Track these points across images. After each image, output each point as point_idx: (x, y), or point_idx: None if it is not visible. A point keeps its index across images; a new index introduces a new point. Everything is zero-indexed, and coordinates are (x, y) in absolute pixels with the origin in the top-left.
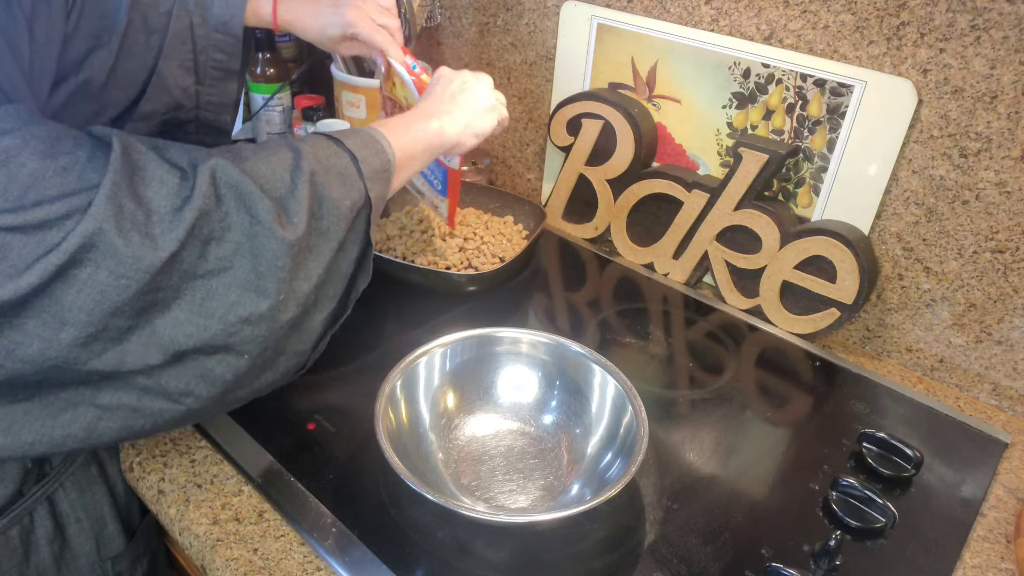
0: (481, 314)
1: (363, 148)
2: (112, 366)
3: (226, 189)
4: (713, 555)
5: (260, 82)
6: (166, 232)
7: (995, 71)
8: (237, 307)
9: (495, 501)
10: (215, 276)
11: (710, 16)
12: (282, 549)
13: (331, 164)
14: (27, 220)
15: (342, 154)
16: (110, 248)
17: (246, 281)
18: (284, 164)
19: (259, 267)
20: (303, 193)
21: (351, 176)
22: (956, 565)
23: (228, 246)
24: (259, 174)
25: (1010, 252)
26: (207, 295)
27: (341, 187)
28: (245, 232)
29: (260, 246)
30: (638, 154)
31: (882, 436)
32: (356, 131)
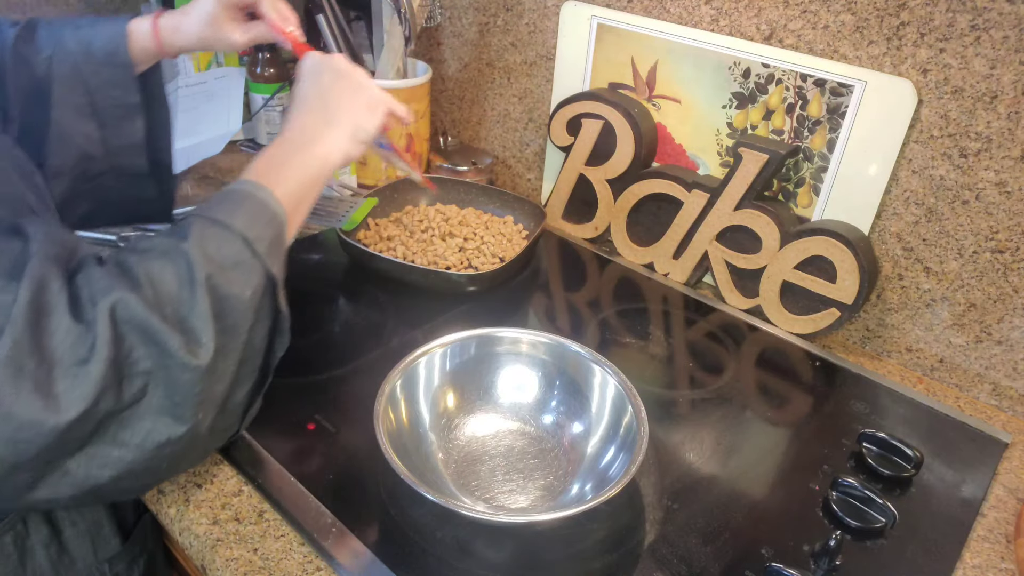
0: (481, 314)
1: (253, 224)
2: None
3: (128, 328)
4: (713, 555)
5: (260, 82)
6: (70, 390)
7: (995, 71)
8: (153, 434)
9: (495, 501)
10: (128, 409)
11: (710, 16)
12: (282, 549)
13: (224, 257)
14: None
15: (233, 240)
16: (5, 415)
17: (160, 408)
18: (178, 277)
19: (174, 396)
20: (203, 306)
21: (247, 262)
22: (956, 565)
23: (139, 380)
24: (158, 299)
25: (1010, 252)
26: (120, 427)
27: (240, 278)
28: (156, 364)
29: (173, 377)
30: (638, 154)
31: (882, 436)
32: (240, 198)
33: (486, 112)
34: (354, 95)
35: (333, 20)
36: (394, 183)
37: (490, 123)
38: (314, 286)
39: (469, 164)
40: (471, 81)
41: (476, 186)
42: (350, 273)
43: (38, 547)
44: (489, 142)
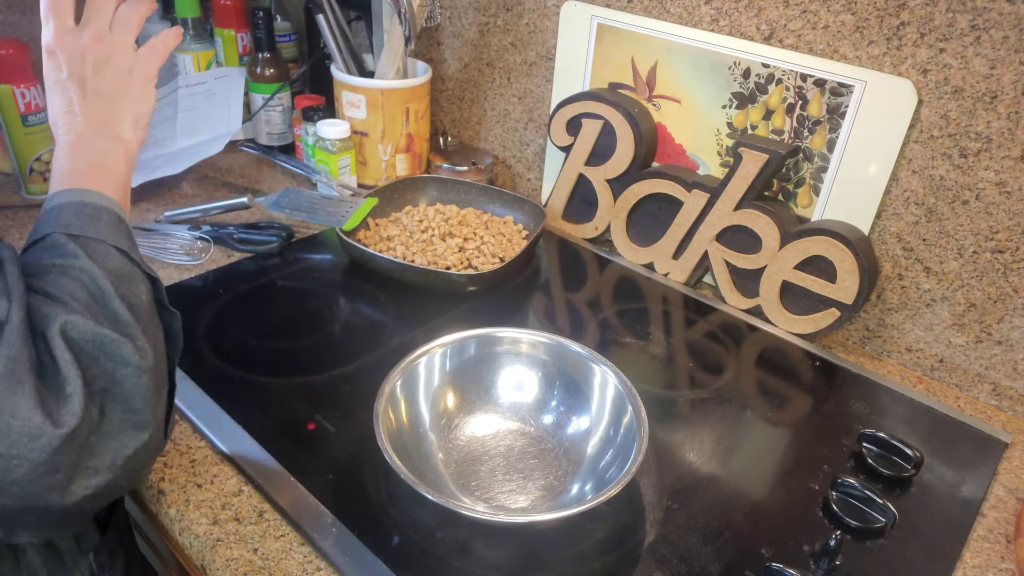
0: (481, 314)
1: (117, 235)
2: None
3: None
4: (713, 555)
5: (260, 82)
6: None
7: (995, 71)
8: (122, 450)
9: (495, 501)
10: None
11: (710, 16)
12: (282, 549)
13: (114, 268)
14: None
15: (111, 252)
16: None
17: (122, 423)
18: (90, 290)
19: (132, 406)
20: (125, 315)
21: (130, 271)
22: (956, 565)
23: (97, 400)
24: (89, 310)
25: (1010, 252)
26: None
27: (133, 286)
28: (109, 379)
29: (127, 387)
30: (638, 154)
31: (882, 436)
32: (95, 212)
33: (486, 112)
34: (122, 78)
35: (333, 20)
36: (394, 183)
37: (490, 123)
38: (314, 286)
39: (469, 164)
40: (471, 81)
41: (476, 186)
42: (350, 273)
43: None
44: (489, 142)
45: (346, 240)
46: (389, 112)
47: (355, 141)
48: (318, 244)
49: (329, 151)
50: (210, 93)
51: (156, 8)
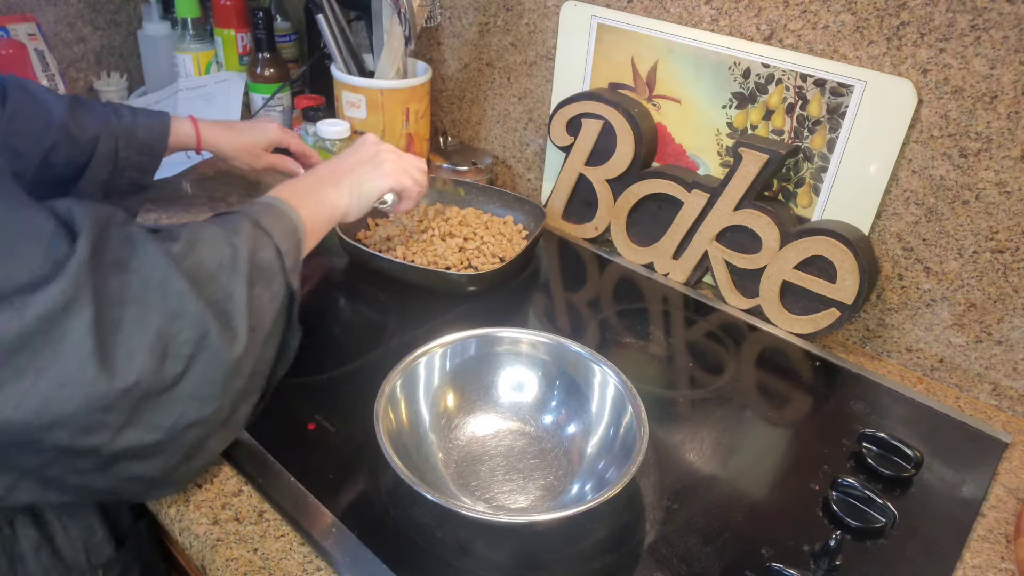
0: (481, 314)
1: (285, 239)
2: (45, 472)
3: (183, 316)
4: (713, 555)
5: (260, 82)
6: (128, 358)
7: (995, 71)
8: (184, 417)
9: (495, 501)
10: (166, 391)
11: (710, 16)
12: (282, 549)
13: (261, 260)
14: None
15: (270, 247)
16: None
17: (193, 393)
18: (222, 262)
19: (209, 377)
20: (241, 295)
21: (276, 272)
22: (956, 565)
23: (180, 362)
24: (201, 276)
25: (1010, 252)
26: (154, 410)
27: (268, 285)
28: (198, 349)
29: (211, 362)
30: (638, 154)
31: (882, 436)
32: (280, 213)
33: (486, 112)
34: (365, 157)
35: (333, 20)
36: None
37: (490, 123)
38: (314, 286)
39: (469, 164)
40: (471, 81)
41: (476, 186)
42: (350, 273)
43: (28, 552)
44: (489, 142)
45: (346, 240)
46: (389, 112)
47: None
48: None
49: (329, 151)
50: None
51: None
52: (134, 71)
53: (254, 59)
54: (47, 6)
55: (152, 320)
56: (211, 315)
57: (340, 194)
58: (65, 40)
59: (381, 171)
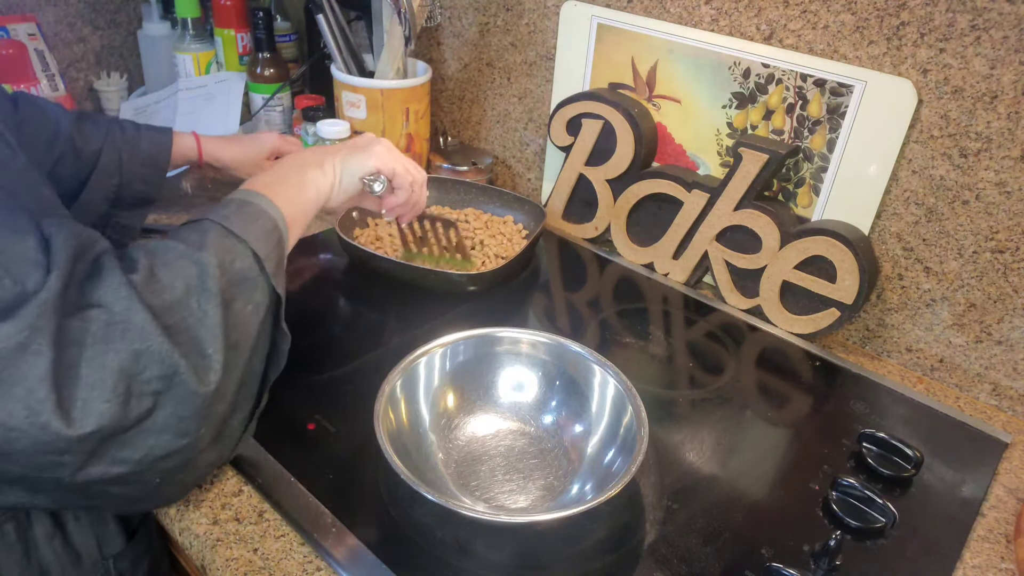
0: (481, 314)
1: (263, 241)
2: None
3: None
4: (713, 555)
5: (260, 82)
6: (87, 404)
7: (995, 71)
8: (154, 450)
9: (495, 501)
10: (132, 428)
11: (710, 16)
12: (282, 549)
13: (235, 272)
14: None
15: (245, 254)
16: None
17: (165, 426)
18: (189, 286)
19: (180, 412)
20: (215, 319)
21: (255, 279)
22: (956, 565)
23: (148, 400)
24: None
25: (1010, 252)
26: (121, 446)
27: (247, 295)
28: (167, 385)
29: (180, 396)
30: (638, 154)
31: (882, 436)
32: (255, 213)
33: (486, 112)
34: (357, 143)
35: (333, 20)
36: None
37: (490, 123)
38: (314, 286)
39: (469, 164)
40: (471, 81)
41: (476, 186)
42: (350, 273)
43: (41, 540)
44: (489, 142)
45: (346, 240)
46: (389, 112)
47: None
48: (318, 244)
49: None
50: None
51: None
52: (134, 71)
53: (254, 59)
54: (47, 6)
55: (111, 361)
56: (178, 350)
57: (323, 174)
58: (65, 40)
59: (369, 152)
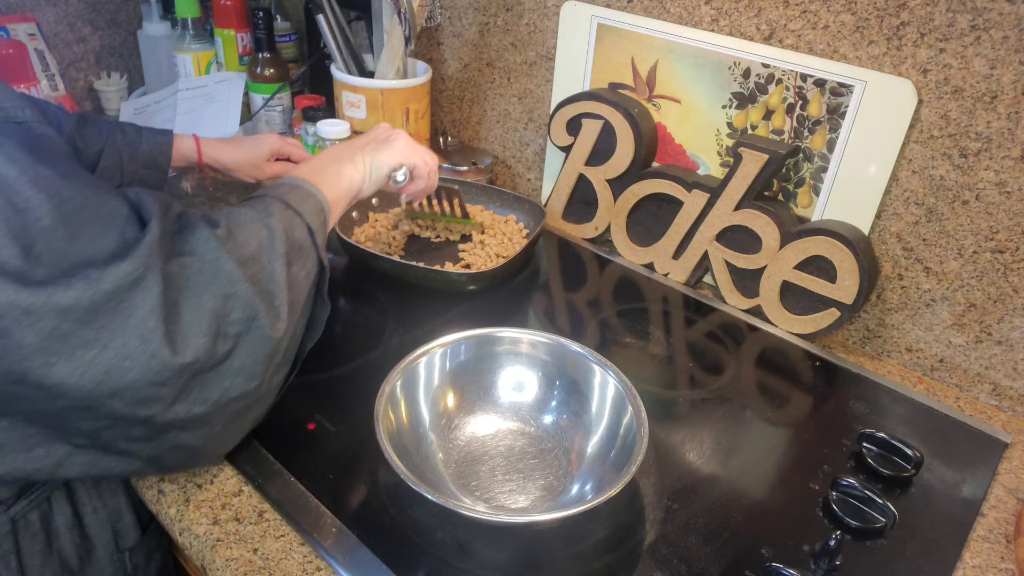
0: (481, 314)
1: (315, 218)
2: (98, 437)
3: (233, 300)
4: (713, 555)
5: (260, 82)
6: (190, 334)
7: (995, 71)
8: (229, 391)
9: (495, 501)
10: (215, 367)
11: (710, 16)
12: (282, 549)
13: (295, 240)
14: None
15: (302, 225)
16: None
17: (240, 370)
18: (261, 243)
19: (254, 355)
20: (282, 276)
21: (308, 248)
22: (956, 565)
23: (229, 341)
24: (245, 258)
25: (1010, 252)
26: (202, 385)
27: (302, 261)
28: (246, 328)
29: (256, 340)
30: (638, 154)
31: (882, 436)
32: (306, 193)
33: (486, 112)
34: (379, 136)
35: (333, 20)
36: None
37: (490, 123)
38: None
39: (469, 164)
40: (471, 81)
41: (476, 186)
42: (350, 273)
43: (63, 529)
44: (489, 142)
45: (346, 240)
46: (389, 112)
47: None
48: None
49: None
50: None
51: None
52: (134, 71)
53: (254, 59)
54: (47, 6)
55: (207, 301)
56: (258, 296)
57: (355, 168)
58: (65, 40)
59: (393, 148)
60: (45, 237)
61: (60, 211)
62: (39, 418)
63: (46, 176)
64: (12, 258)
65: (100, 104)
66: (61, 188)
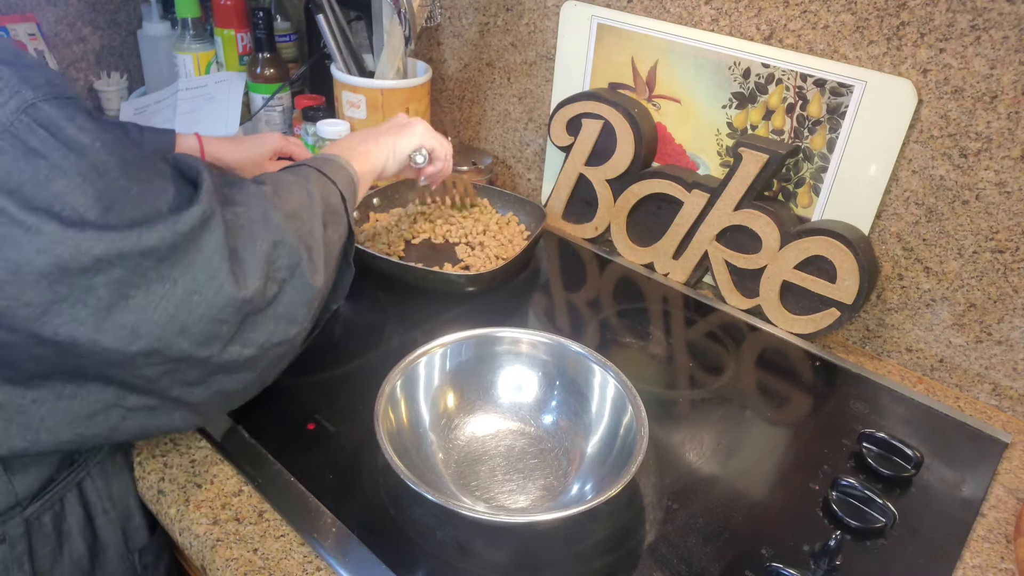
0: (481, 314)
1: (347, 187)
2: (157, 383)
3: (280, 246)
4: (713, 555)
5: (260, 82)
6: (250, 272)
7: (995, 71)
8: (273, 335)
9: (495, 501)
10: (264, 310)
11: (710, 16)
12: (282, 549)
13: (330, 204)
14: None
15: (335, 192)
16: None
17: (283, 314)
18: (303, 203)
19: (296, 300)
20: (319, 235)
21: (341, 214)
22: (956, 565)
23: (275, 285)
24: (290, 213)
25: (1010, 252)
26: (252, 327)
27: (336, 225)
28: (290, 274)
29: (299, 286)
30: (638, 154)
31: (882, 436)
32: (338, 166)
33: (486, 112)
34: (399, 123)
35: (333, 20)
36: (394, 183)
37: (490, 123)
38: None
39: (469, 164)
40: (471, 81)
41: (476, 186)
42: None
43: (75, 531)
44: (489, 142)
45: None
46: (389, 112)
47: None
48: None
49: None
50: (209, 96)
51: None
52: (134, 71)
53: (254, 59)
54: (47, 6)
55: (260, 245)
56: (302, 246)
57: (380, 148)
58: (65, 40)
59: (414, 131)
60: (122, 193)
61: (127, 170)
62: (110, 371)
63: (111, 141)
64: (98, 215)
65: (100, 104)
66: (124, 150)
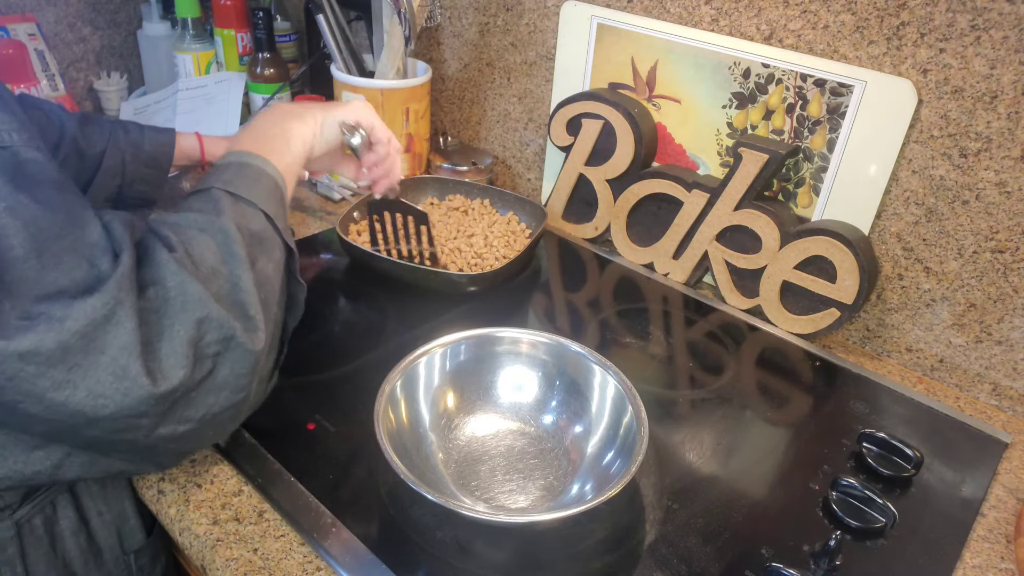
0: (481, 314)
1: (270, 202)
2: (88, 447)
3: (207, 323)
4: (713, 555)
5: (260, 82)
6: (170, 363)
7: (995, 71)
8: (214, 407)
9: (495, 501)
10: (196, 388)
11: (710, 16)
12: (282, 549)
13: (254, 233)
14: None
15: (257, 215)
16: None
17: (224, 385)
18: (219, 252)
19: (237, 371)
20: (248, 281)
21: (271, 237)
22: (956, 565)
23: (208, 362)
24: (207, 274)
25: (1010, 252)
26: (187, 405)
27: (267, 252)
28: (225, 347)
29: (238, 358)
30: (638, 154)
31: (882, 436)
32: (256, 174)
33: (486, 112)
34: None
35: (333, 20)
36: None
37: (490, 123)
38: (314, 286)
39: (469, 164)
40: (471, 81)
41: (476, 186)
42: (350, 273)
43: (67, 534)
44: (489, 142)
45: (346, 240)
46: (389, 112)
47: None
48: (318, 244)
49: None
50: (209, 96)
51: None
52: (134, 71)
53: (254, 59)
54: (47, 6)
55: (179, 331)
56: (231, 314)
57: (304, 124)
58: (65, 40)
59: (348, 106)
60: (17, 267)
61: (34, 241)
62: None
63: (24, 204)
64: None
65: (100, 104)
66: (38, 217)
